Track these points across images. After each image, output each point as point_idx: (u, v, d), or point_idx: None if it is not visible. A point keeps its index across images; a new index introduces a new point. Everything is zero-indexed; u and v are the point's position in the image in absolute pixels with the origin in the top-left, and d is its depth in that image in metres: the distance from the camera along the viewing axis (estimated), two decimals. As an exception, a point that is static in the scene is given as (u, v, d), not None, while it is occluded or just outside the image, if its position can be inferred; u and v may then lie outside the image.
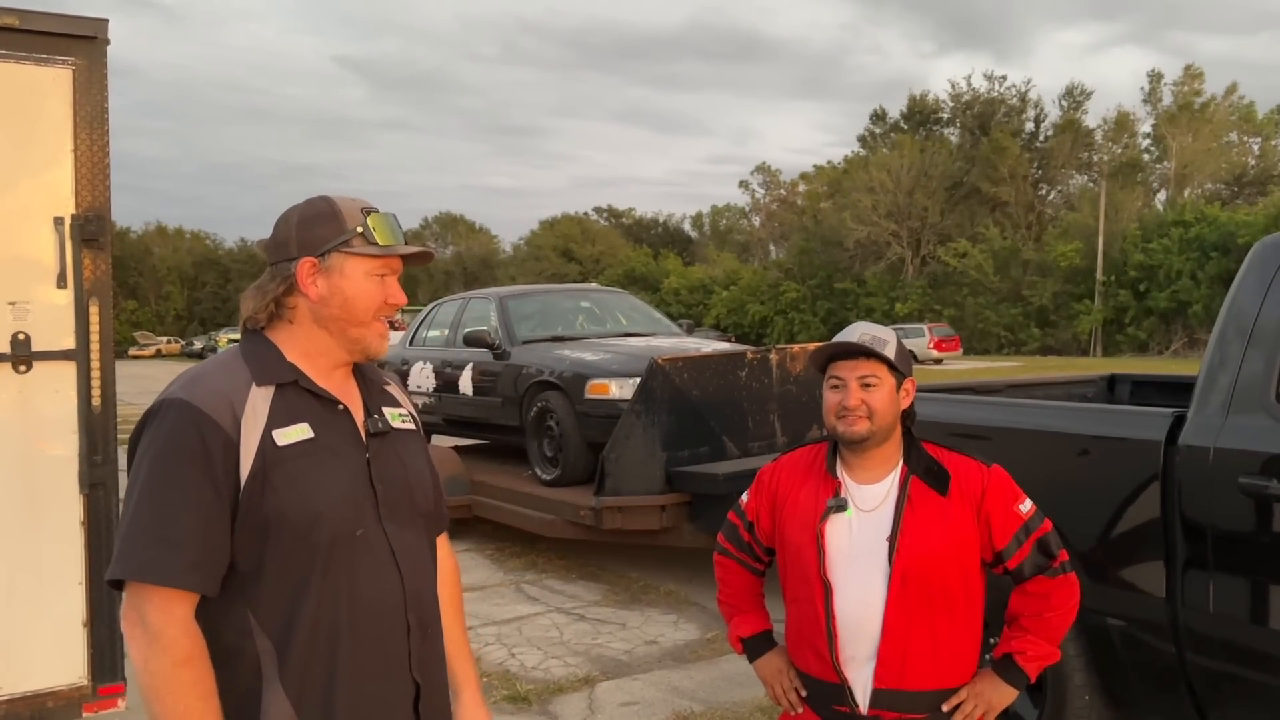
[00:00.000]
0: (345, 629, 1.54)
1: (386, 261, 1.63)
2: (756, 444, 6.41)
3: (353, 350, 1.65)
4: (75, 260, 3.40)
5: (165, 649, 1.44)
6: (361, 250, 1.60)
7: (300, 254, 1.60)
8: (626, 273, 64.27)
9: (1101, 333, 45.35)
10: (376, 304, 1.63)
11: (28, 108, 3.34)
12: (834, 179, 60.70)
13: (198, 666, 1.46)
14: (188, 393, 1.53)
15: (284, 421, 1.55)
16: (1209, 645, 2.99)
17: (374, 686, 1.57)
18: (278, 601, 1.51)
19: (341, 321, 1.61)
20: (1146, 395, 5.15)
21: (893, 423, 2.08)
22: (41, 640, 3.41)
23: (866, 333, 2.07)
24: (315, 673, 1.52)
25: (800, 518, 2.11)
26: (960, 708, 2.07)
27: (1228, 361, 3.07)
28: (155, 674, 1.45)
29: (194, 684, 1.45)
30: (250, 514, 1.50)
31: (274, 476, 1.51)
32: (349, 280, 1.60)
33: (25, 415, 3.36)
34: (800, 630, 2.13)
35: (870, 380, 2.04)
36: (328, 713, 1.52)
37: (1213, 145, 50.25)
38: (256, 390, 1.55)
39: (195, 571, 1.47)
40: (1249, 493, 2.84)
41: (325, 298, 1.60)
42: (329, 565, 1.53)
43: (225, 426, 1.50)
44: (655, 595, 6.26)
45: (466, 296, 9.24)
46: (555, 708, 4.44)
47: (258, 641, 1.51)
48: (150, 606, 1.45)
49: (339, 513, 1.55)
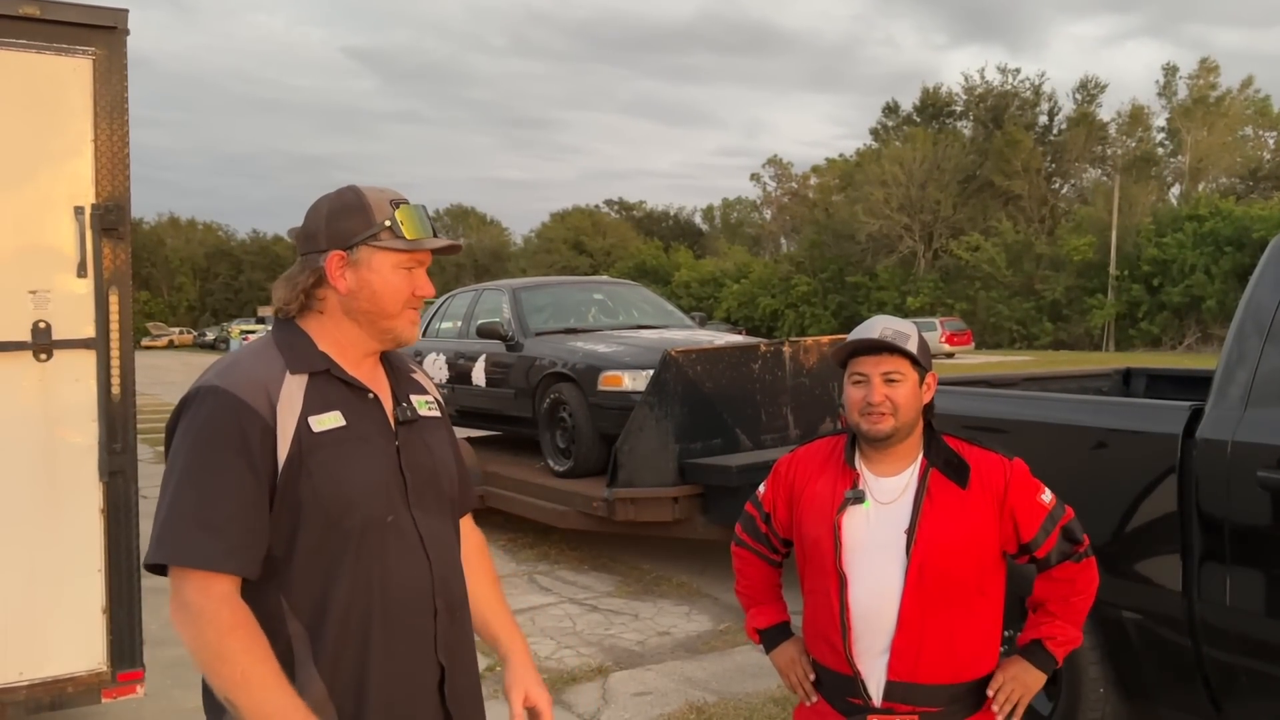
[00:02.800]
0: (377, 613, 1.56)
1: (414, 254, 1.64)
2: (769, 436, 6.41)
3: (384, 340, 1.67)
4: (95, 249, 3.42)
5: (209, 622, 1.46)
6: (389, 244, 1.61)
7: (329, 246, 1.61)
8: (637, 265, 64.21)
9: (1114, 327, 45.16)
10: (405, 296, 1.64)
11: (48, 97, 3.36)
12: (846, 172, 60.49)
13: (245, 632, 1.47)
14: (224, 380, 1.55)
15: (318, 409, 1.57)
16: (1225, 639, 2.98)
17: (403, 669, 1.59)
18: (310, 586, 1.53)
19: (370, 314, 1.63)
20: (1162, 389, 5.13)
21: (915, 418, 2.07)
22: (61, 627, 3.44)
23: (889, 327, 2.06)
24: (348, 656, 1.54)
25: (818, 509, 2.11)
26: (1001, 690, 2.08)
27: (1246, 356, 3.06)
28: (205, 648, 1.46)
29: (246, 650, 1.46)
30: (285, 498, 1.52)
31: (310, 462, 1.53)
32: (377, 274, 1.61)
33: (46, 403, 3.39)
34: (815, 621, 2.14)
35: (894, 376, 2.03)
36: (360, 695, 1.55)
37: (1228, 139, 49.89)
38: (291, 378, 1.57)
39: (236, 556, 1.48)
40: (1267, 486, 2.84)
41: (354, 291, 1.62)
42: (361, 550, 1.55)
43: (262, 412, 1.52)
44: (668, 586, 6.27)
45: (479, 288, 9.26)
46: (569, 697, 4.46)
47: (289, 625, 1.53)
48: (190, 588, 1.47)
49: (371, 499, 1.57)
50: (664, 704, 4.34)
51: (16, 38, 3.29)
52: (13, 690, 3.36)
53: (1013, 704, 2.07)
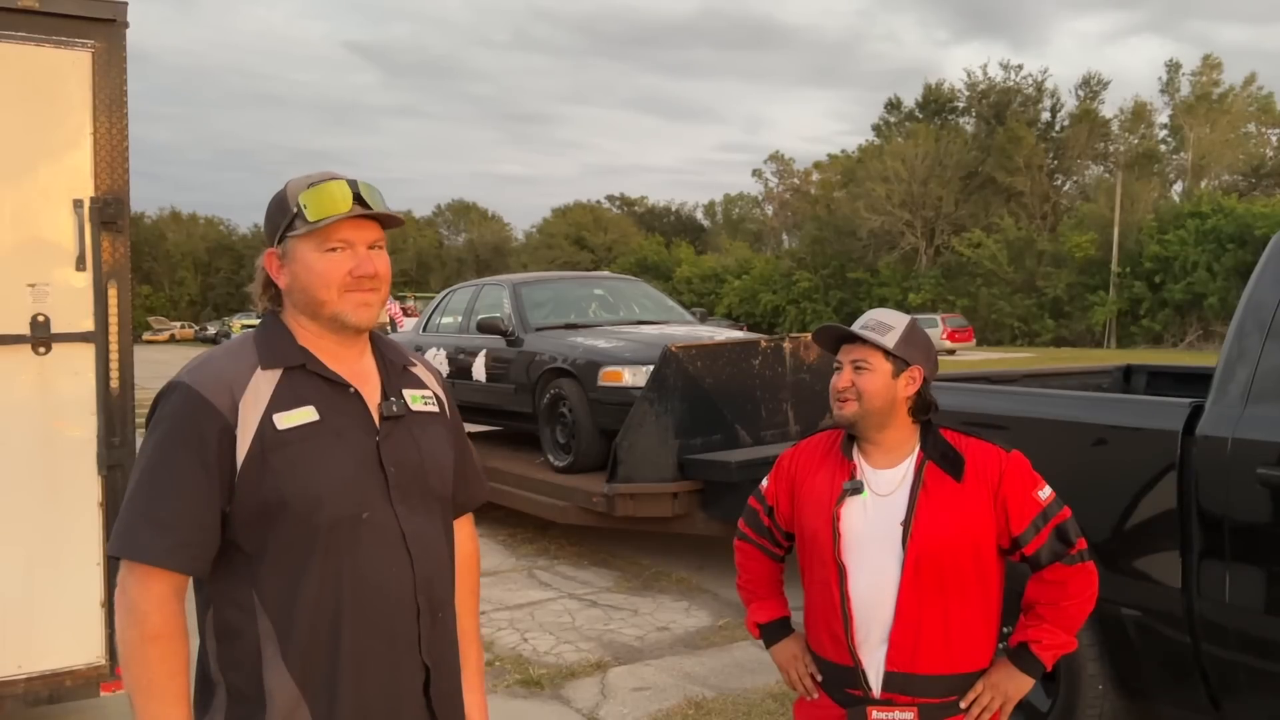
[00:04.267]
0: (349, 611, 1.54)
1: (333, 234, 1.57)
2: (769, 432, 6.41)
3: (335, 327, 1.61)
4: (94, 243, 3.42)
5: (137, 622, 1.49)
6: (301, 230, 1.58)
7: (268, 245, 1.64)
8: (638, 261, 64.18)
9: (1116, 324, 45.12)
10: (336, 279, 1.58)
11: (47, 90, 3.36)
12: (848, 168, 60.42)
13: (166, 643, 1.49)
14: (191, 376, 1.56)
15: (287, 405, 1.55)
16: (1224, 636, 2.98)
17: (381, 669, 1.57)
18: (279, 583, 1.53)
19: (310, 304, 1.60)
20: (1162, 386, 5.13)
21: (885, 408, 2.07)
22: (60, 620, 3.44)
23: (872, 319, 2.12)
24: (318, 654, 1.53)
25: (817, 501, 2.12)
26: (977, 700, 2.06)
27: (1247, 353, 3.06)
28: (127, 645, 1.50)
29: (161, 660, 1.49)
30: (249, 496, 1.51)
31: (273, 460, 1.51)
32: (300, 264, 1.59)
33: (44, 397, 3.39)
34: (816, 613, 2.14)
35: (861, 364, 2.08)
36: (331, 694, 1.53)
37: (1230, 136, 49.82)
38: (261, 374, 1.56)
39: (180, 552, 1.49)
40: (1267, 483, 2.84)
41: (290, 285, 1.62)
42: (329, 547, 1.54)
43: (223, 410, 1.52)
44: (667, 582, 6.27)
45: (480, 283, 9.25)
46: (568, 692, 4.46)
47: (260, 622, 1.53)
48: (132, 581, 1.50)
49: (340, 495, 1.55)
50: (663, 699, 4.34)
51: (15, 30, 3.29)
52: (11, 683, 3.36)
53: (990, 714, 2.07)
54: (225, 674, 1.54)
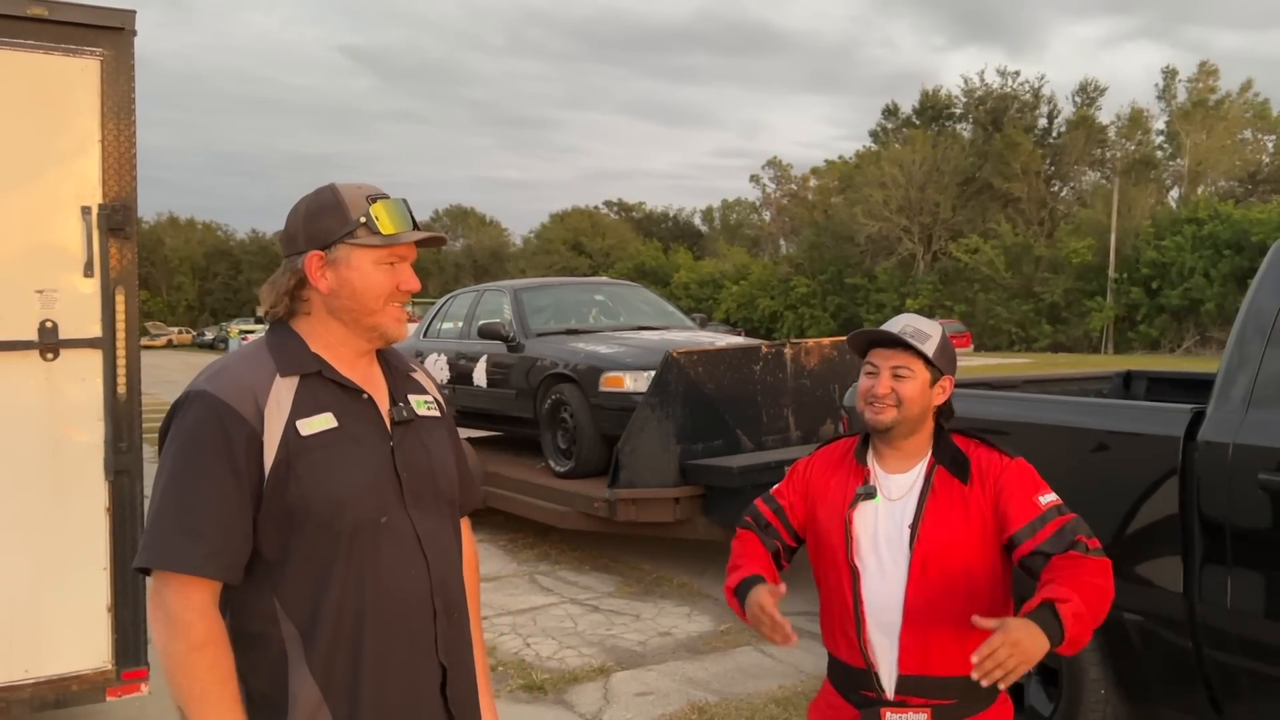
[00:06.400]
0: (370, 614, 1.56)
1: (394, 249, 1.62)
2: (770, 438, 6.42)
3: (370, 337, 1.65)
4: (102, 249, 3.44)
5: (182, 633, 1.49)
6: (366, 241, 1.60)
7: (307, 247, 1.61)
8: (636, 266, 64.18)
9: (1113, 330, 45.17)
10: (387, 291, 1.63)
11: (56, 98, 3.38)
12: (845, 173, 60.52)
13: (213, 651, 1.50)
14: (212, 385, 1.56)
15: (308, 411, 1.57)
16: (1226, 640, 3.00)
17: (401, 671, 1.59)
18: (302, 588, 1.54)
19: (354, 312, 1.62)
20: (1162, 392, 5.15)
21: (920, 415, 2.09)
22: (66, 625, 3.45)
23: (910, 325, 2.11)
24: (341, 658, 1.55)
25: (831, 505, 2.15)
26: (993, 655, 1.72)
27: (1247, 359, 3.08)
28: (173, 657, 1.50)
29: (210, 668, 1.49)
30: (274, 503, 1.53)
31: (298, 466, 1.53)
32: (356, 272, 1.60)
33: (52, 402, 3.40)
34: (830, 616, 2.16)
35: (902, 371, 2.07)
36: (353, 696, 1.55)
37: (1227, 142, 49.85)
38: (280, 381, 1.57)
39: (215, 560, 1.50)
40: (1268, 489, 2.86)
41: (335, 290, 1.61)
42: (351, 552, 1.56)
43: (248, 417, 1.53)
44: (669, 587, 6.29)
45: (481, 289, 9.27)
46: (571, 697, 4.47)
47: (283, 627, 1.54)
48: (170, 592, 1.50)
49: (362, 500, 1.57)
50: (665, 704, 4.36)
51: (24, 38, 3.31)
52: (18, 688, 3.37)
53: (1004, 670, 1.71)
54: (246, 679, 1.55)
